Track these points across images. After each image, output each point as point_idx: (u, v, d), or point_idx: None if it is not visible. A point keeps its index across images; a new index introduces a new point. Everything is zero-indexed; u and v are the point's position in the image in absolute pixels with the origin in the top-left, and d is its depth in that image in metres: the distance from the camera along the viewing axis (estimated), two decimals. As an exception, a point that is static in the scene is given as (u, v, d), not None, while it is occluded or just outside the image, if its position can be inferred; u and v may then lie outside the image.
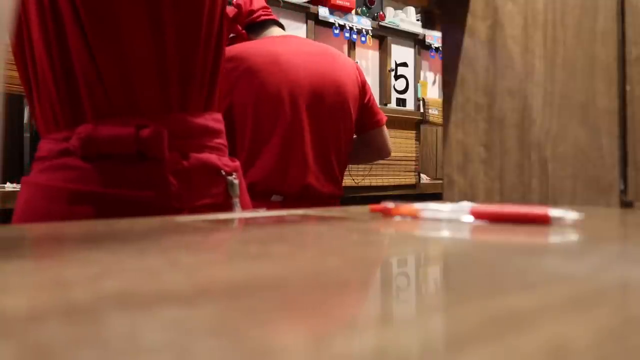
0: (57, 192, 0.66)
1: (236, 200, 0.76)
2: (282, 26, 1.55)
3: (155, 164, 0.68)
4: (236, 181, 0.76)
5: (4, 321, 0.15)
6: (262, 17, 1.50)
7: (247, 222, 0.48)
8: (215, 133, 0.75)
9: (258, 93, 1.35)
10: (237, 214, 0.64)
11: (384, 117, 1.61)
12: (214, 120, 0.75)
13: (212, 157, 0.73)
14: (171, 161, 0.68)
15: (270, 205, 1.36)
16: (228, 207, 0.75)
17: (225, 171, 0.75)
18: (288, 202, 1.38)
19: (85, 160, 0.67)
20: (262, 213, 0.53)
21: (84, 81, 0.68)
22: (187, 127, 0.71)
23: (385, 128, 1.62)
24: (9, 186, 1.51)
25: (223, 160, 0.75)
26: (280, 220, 0.48)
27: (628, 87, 0.63)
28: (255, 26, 1.50)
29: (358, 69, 1.56)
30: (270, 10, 1.53)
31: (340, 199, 1.52)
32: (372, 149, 1.62)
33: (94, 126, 0.67)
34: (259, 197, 1.35)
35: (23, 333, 0.14)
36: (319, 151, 1.42)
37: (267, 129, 1.36)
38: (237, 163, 0.80)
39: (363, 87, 1.55)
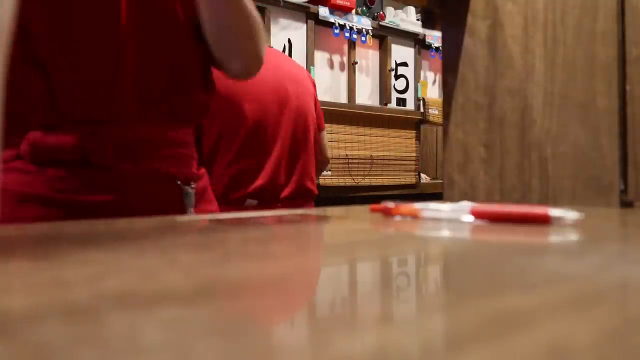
0: (7, 195, 0.67)
1: (191, 210, 0.75)
2: None
3: (102, 170, 0.68)
4: (191, 191, 0.75)
5: (4, 321, 0.15)
6: None
7: (246, 222, 0.48)
8: (176, 143, 0.75)
9: (226, 98, 1.36)
10: (237, 213, 0.64)
11: (323, 120, 1.65)
12: (169, 130, 0.74)
13: (167, 166, 0.73)
14: (120, 169, 0.69)
15: (245, 210, 1.37)
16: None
17: (182, 180, 0.74)
18: (262, 206, 1.40)
19: (34, 164, 0.68)
20: (256, 213, 0.53)
21: (35, 90, 0.67)
22: (141, 136, 0.71)
23: (325, 133, 1.65)
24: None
25: (183, 170, 0.75)
26: (280, 220, 0.48)
27: (628, 87, 0.63)
28: None
29: (306, 69, 1.61)
30: None
31: (315, 198, 1.55)
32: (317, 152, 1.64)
33: (43, 133, 0.68)
34: (234, 202, 1.37)
35: (23, 333, 0.14)
36: (291, 151, 1.44)
37: (232, 134, 1.38)
38: (202, 171, 0.79)
39: (314, 86, 1.59)
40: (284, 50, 2.35)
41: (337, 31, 2.57)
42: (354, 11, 2.63)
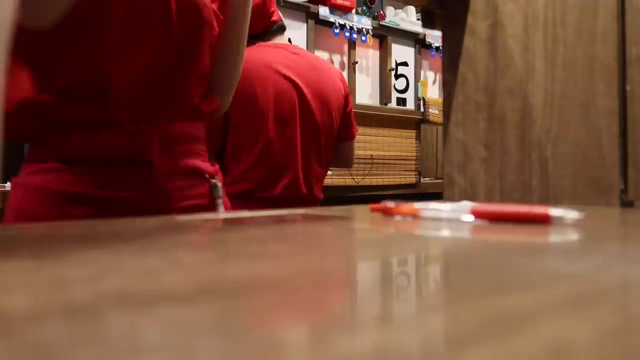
0: (54, 195, 0.68)
1: (219, 202, 0.81)
2: (284, 28, 1.57)
3: (146, 168, 0.72)
4: (219, 184, 0.81)
5: (4, 321, 0.15)
6: (275, 20, 1.51)
7: (246, 221, 0.48)
8: (197, 139, 0.80)
9: (246, 101, 1.37)
10: (237, 213, 0.65)
11: (356, 130, 1.64)
12: (196, 127, 0.80)
13: (197, 162, 0.78)
14: (161, 165, 0.73)
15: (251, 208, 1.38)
16: (212, 208, 0.80)
17: (209, 174, 0.80)
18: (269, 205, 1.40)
19: (80, 164, 0.69)
20: (255, 213, 0.53)
21: (92, 89, 0.70)
22: (176, 134, 0.76)
23: (354, 141, 1.65)
24: (9, 186, 1.51)
25: (206, 165, 0.80)
26: (280, 219, 0.49)
27: (628, 87, 0.63)
28: (266, 32, 1.51)
29: (342, 80, 1.59)
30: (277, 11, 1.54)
31: (320, 201, 1.55)
32: (341, 160, 1.64)
33: (91, 133, 0.69)
34: (241, 198, 1.38)
35: (23, 333, 0.14)
36: (303, 159, 1.44)
37: (250, 136, 1.38)
38: (217, 167, 0.84)
39: (346, 98, 1.57)
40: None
41: (337, 31, 2.57)
42: (354, 11, 2.63)
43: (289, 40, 1.78)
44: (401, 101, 2.93)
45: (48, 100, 0.69)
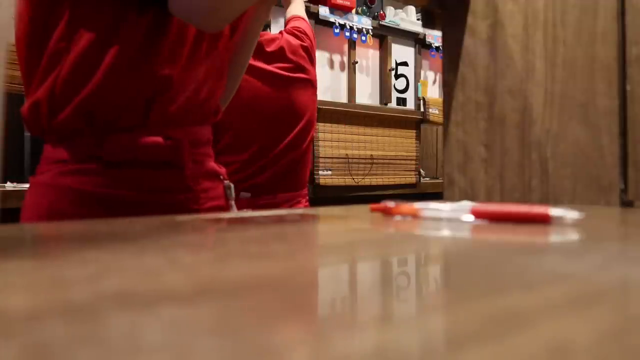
0: (89, 197, 0.69)
1: (232, 203, 0.83)
2: (268, 26, 1.56)
3: (177, 170, 0.74)
4: (232, 185, 0.83)
5: (4, 321, 0.15)
6: None
7: (246, 221, 0.48)
8: (210, 142, 0.82)
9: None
10: (236, 213, 0.65)
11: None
12: (209, 131, 0.83)
13: (212, 164, 0.81)
14: (190, 168, 0.76)
15: (239, 202, 1.39)
16: (227, 209, 0.82)
17: (222, 175, 0.82)
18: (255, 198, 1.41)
19: (116, 166, 0.70)
20: (257, 213, 0.53)
21: (138, 95, 0.71)
22: (198, 137, 0.78)
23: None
24: (9, 185, 1.51)
25: (217, 166, 0.82)
26: (280, 219, 0.49)
27: (628, 87, 0.63)
28: None
29: (300, 38, 1.52)
30: None
31: (307, 196, 1.53)
32: None
33: (127, 135, 0.70)
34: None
35: (23, 333, 0.14)
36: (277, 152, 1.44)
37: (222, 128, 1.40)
38: (224, 169, 0.86)
39: (306, 49, 1.52)
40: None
41: (337, 31, 2.57)
42: (354, 11, 2.63)
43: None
44: (401, 101, 2.93)
45: (102, 102, 0.69)
